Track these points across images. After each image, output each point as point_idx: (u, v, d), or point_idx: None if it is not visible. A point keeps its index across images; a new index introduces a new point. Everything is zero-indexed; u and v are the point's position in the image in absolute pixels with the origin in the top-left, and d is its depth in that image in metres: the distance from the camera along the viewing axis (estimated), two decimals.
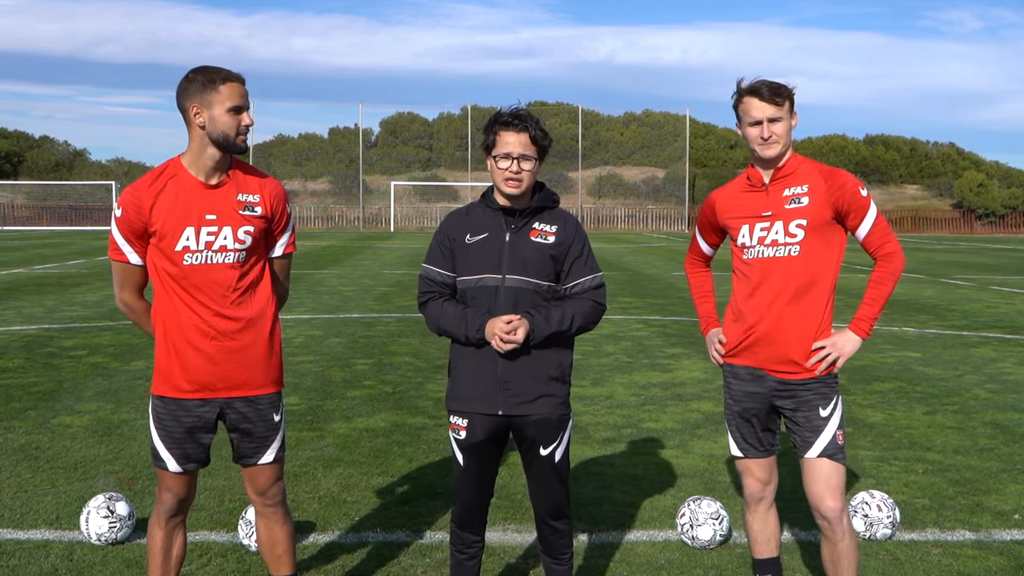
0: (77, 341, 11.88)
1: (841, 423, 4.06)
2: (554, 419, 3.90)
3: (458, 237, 3.96)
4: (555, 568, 4.10)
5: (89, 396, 8.70)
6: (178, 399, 3.78)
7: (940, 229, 65.19)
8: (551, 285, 3.93)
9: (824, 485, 4.00)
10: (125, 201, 3.70)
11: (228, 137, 3.65)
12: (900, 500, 5.88)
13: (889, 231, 4.05)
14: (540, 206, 3.97)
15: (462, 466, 3.97)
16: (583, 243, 3.99)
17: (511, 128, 3.85)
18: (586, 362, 10.79)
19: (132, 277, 3.81)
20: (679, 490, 6.10)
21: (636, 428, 7.78)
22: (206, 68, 3.67)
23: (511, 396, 3.85)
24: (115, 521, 5.04)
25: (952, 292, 19.50)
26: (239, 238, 3.73)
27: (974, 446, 7.27)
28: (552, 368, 3.89)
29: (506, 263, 3.88)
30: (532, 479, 4.02)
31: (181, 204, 3.67)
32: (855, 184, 4.00)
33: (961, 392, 9.29)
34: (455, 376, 3.97)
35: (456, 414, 3.94)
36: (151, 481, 6.19)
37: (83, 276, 21.59)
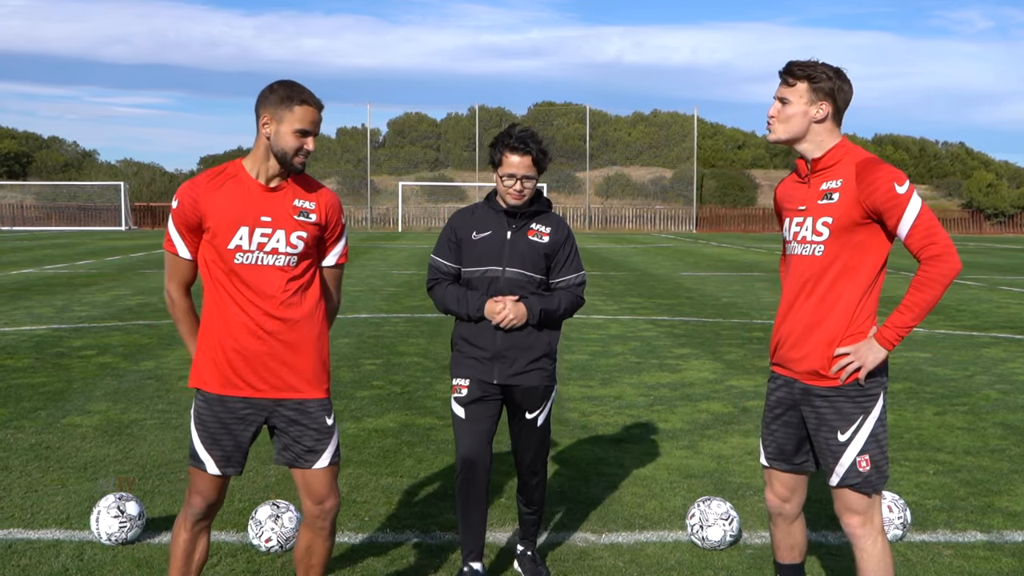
0: (86, 341, 11.90)
1: (867, 447, 3.68)
2: (541, 388, 4.58)
3: (464, 235, 4.58)
4: (527, 516, 4.85)
5: (99, 396, 8.71)
6: (221, 396, 3.77)
7: (949, 229, 64.96)
8: (543, 278, 4.58)
9: (841, 506, 3.79)
10: (182, 195, 3.76)
11: (287, 155, 3.72)
12: (911, 501, 5.86)
13: (934, 230, 3.56)
14: (538, 210, 4.61)
15: (464, 420, 4.56)
16: (572, 245, 4.64)
17: (517, 151, 4.43)
18: (594, 362, 10.78)
19: (180, 271, 3.83)
20: (689, 491, 6.09)
21: (645, 428, 7.76)
22: (291, 84, 3.74)
23: (506, 368, 4.51)
24: (125, 521, 5.05)
25: (962, 292, 19.44)
26: (291, 242, 3.77)
27: (985, 447, 7.25)
28: (543, 346, 4.56)
29: (507, 257, 4.52)
30: (516, 438, 4.70)
31: (238, 203, 3.72)
32: (889, 180, 3.56)
33: (971, 393, 9.26)
34: (458, 350, 4.62)
35: (459, 377, 4.58)
36: (161, 481, 6.20)
37: (92, 276, 21.65)
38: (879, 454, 3.73)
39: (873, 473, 3.72)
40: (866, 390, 3.70)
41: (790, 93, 3.72)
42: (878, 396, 3.72)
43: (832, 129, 3.75)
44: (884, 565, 3.76)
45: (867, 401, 3.70)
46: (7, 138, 70.47)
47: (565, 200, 66.57)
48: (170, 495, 5.91)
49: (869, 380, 3.70)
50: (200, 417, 3.81)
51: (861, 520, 3.75)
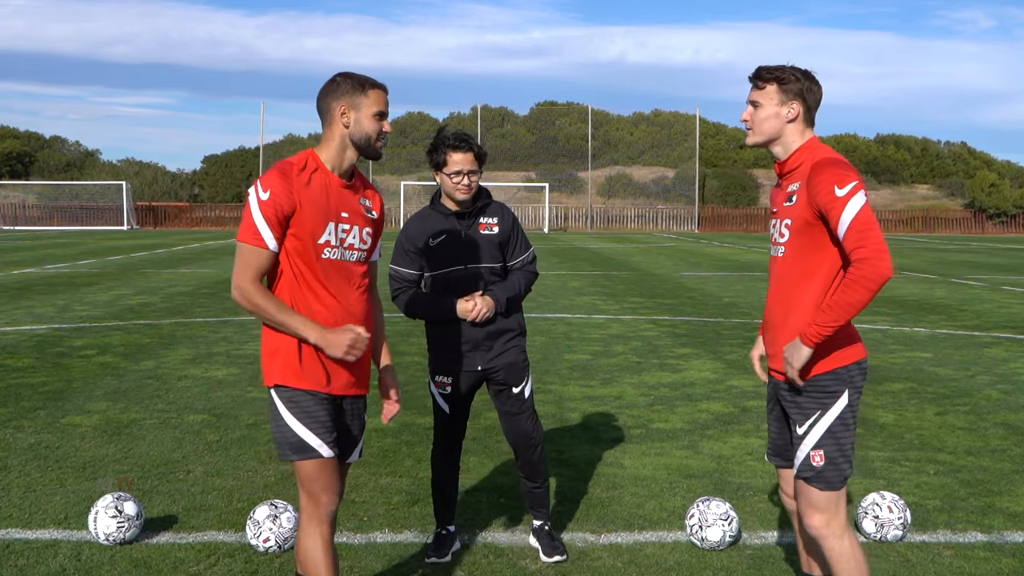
0: (87, 341, 11.90)
1: (823, 442, 3.71)
2: (519, 363, 4.95)
3: (421, 243, 4.89)
4: (535, 491, 5.11)
5: (99, 396, 8.71)
6: (314, 391, 3.69)
7: (951, 229, 64.94)
8: (501, 264, 4.94)
9: (804, 502, 3.82)
10: (273, 184, 3.61)
11: (370, 140, 3.72)
12: (911, 501, 5.85)
13: (868, 234, 3.52)
14: (483, 204, 4.92)
15: (447, 413, 4.98)
16: (518, 227, 5.01)
17: (458, 149, 4.75)
18: (595, 362, 10.77)
19: (263, 264, 3.62)
20: (688, 491, 6.07)
21: (645, 428, 7.75)
22: (354, 73, 3.76)
23: (485, 353, 4.88)
24: (123, 521, 5.03)
25: (964, 292, 19.41)
26: (363, 238, 3.80)
27: (986, 447, 7.23)
28: (512, 325, 4.93)
29: (467, 255, 4.85)
30: (506, 416, 5.01)
31: (325, 198, 3.68)
32: (831, 182, 3.58)
33: (973, 393, 9.24)
34: (437, 348, 4.93)
35: (442, 374, 4.92)
36: (159, 480, 6.19)
37: (94, 276, 21.66)
38: (836, 452, 3.73)
39: (828, 469, 3.73)
40: (825, 387, 3.72)
41: (761, 96, 3.81)
42: (839, 394, 3.72)
43: (803, 130, 3.83)
44: (854, 563, 3.77)
45: (826, 398, 3.73)
46: (9, 138, 70.54)
47: (567, 200, 66.57)
48: (169, 495, 5.90)
49: (829, 378, 3.71)
50: (297, 403, 3.66)
51: (823, 519, 3.77)
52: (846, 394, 3.73)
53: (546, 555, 4.99)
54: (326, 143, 3.74)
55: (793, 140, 3.82)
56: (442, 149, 4.76)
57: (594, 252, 34.00)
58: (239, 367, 10.21)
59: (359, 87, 3.69)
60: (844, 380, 3.73)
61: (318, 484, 3.68)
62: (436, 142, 4.80)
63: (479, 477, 6.38)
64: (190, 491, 5.98)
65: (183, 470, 6.44)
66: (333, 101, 3.70)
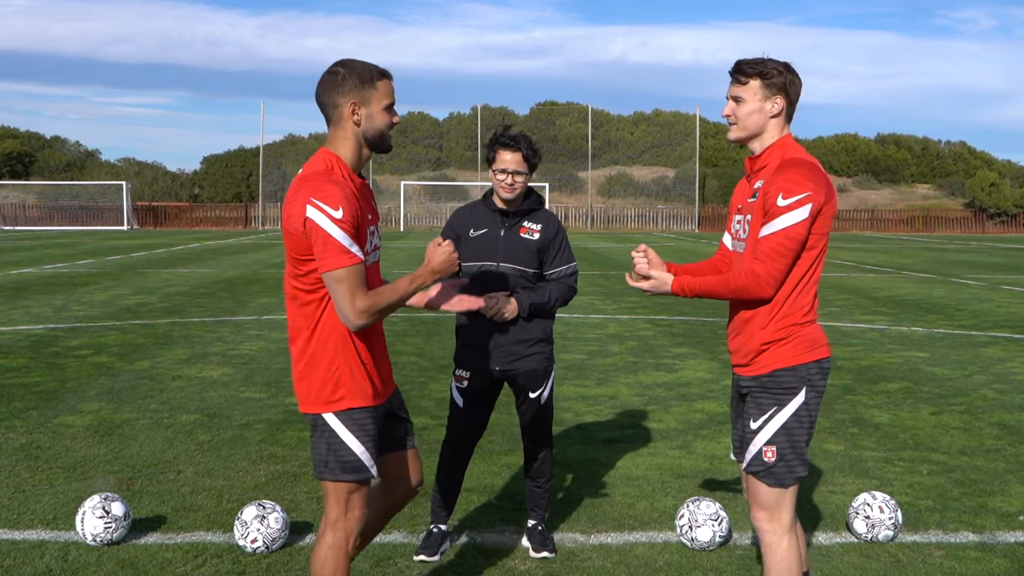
0: (82, 341, 11.88)
1: (776, 439, 3.68)
2: (540, 370, 4.96)
3: (462, 232, 4.94)
4: (535, 490, 5.19)
5: (92, 396, 8.69)
6: (376, 406, 3.62)
7: (952, 229, 64.89)
8: (536, 271, 4.93)
9: (751, 496, 3.80)
10: (338, 198, 3.34)
11: (384, 135, 3.56)
12: (904, 501, 5.82)
13: (774, 259, 3.57)
14: (529, 208, 4.96)
15: (461, 408, 5.02)
16: (562, 239, 5.00)
17: (508, 148, 4.81)
18: (591, 362, 10.74)
19: (364, 277, 3.40)
20: (680, 491, 6.04)
21: (639, 428, 7.72)
22: (354, 62, 3.51)
23: (506, 355, 4.88)
24: (111, 521, 5.01)
25: (963, 292, 19.38)
26: (379, 237, 3.72)
27: (980, 447, 7.20)
28: (538, 332, 4.93)
29: (501, 253, 4.86)
30: (523, 416, 5.08)
31: (360, 202, 3.50)
32: (779, 189, 3.57)
33: (968, 392, 9.21)
34: (462, 343, 4.99)
35: (462, 368, 4.98)
36: (149, 481, 6.16)
37: (92, 276, 21.63)
38: (789, 450, 3.69)
39: (779, 466, 3.70)
40: (784, 383, 3.69)
41: (744, 91, 3.75)
42: (797, 391, 3.69)
43: (781, 125, 3.79)
44: (787, 566, 3.74)
45: (784, 394, 3.69)
46: (9, 138, 70.56)
47: (567, 200, 66.54)
48: (158, 496, 5.88)
49: (788, 374, 3.68)
50: (361, 425, 3.57)
51: (767, 515, 3.74)
52: (803, 392, 3.70)
53: (535, 551, 5.04)
54: (341, 144, 3.51)
55: (771, 136, 3.77)
56: (494, 146, 4.84)
57: (593, 252, 33.98)
58: (233, 367, 10.19)
59: (367, 80, 3.46)
60: (803, 378, 3.70)
61: (356, 501, 3.64)
62: (492, 137, 4.90)
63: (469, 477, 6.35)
64: (180, 491, 5.96)
65: (173, 470, 6.42)
66: (340, 98, 3.46)
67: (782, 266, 3.60)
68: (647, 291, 3.85)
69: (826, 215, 3.65)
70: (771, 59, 3.76)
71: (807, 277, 3.69)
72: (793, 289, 3.67)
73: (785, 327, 3.69)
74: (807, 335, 3.71)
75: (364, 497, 3.67)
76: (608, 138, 74.67)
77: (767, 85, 3.70)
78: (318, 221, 3.33)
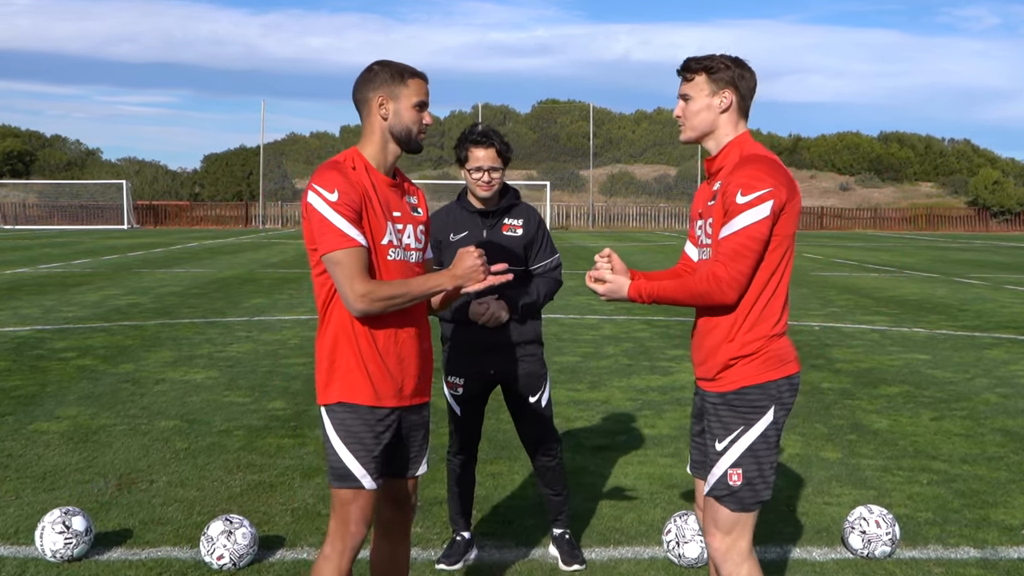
0: (68, 343, 11.67)
1: (742, 461, 3.43)
2: (536, 372, 4.81)
3: (442, 237, 4.72)
4: (554, 499, 4.98)
5: (71, 400, 8.47)
6: (373, 407, 3.43)
7: (955, 227, 64.60)
8: (524, 269, 4.74)
9: (709, 520, 3.55)
10: (336, 181, 3.32)
11: (411, 132, 3.48)
12: (902, 514, 5.60)
13: (736, 259, 3.33)
14: (508, 205, 4.78)
15: (460, 416, 4.85)
16: (544, 231, 4.86)
17: (480, 145, 4.64)
18: (584, 364, 10.52)
19: (364, 262, 3.31)
20: (669, 503, 5.82)
21: (630, 435, 7.50)
22: (391, 62, 3.50)
23: (499, 358, 4.73)
24: (71, 537, 4.79)
25: (966, 291, 19.13)
26: (418, 236, 3.59)
27: (982, 454, 6.97)
28: (528, 332, 4.77)
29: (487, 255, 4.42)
30: (523, 424, 4.89)
31: (378, 197, 3.43)
32: (738, 185, 3.34)
33: (971, 397, 8.98)
34: (450, 347, 4.80)
35: (453, 375, 4.79)
36: (120, 492, 5.93)
37: (86, 276, 21.42)
38: (755, 472, 3.45)
39: (744, 490, 3.45)
40: (752, 402, 3.45)
41: (691, 88, 3.54)
42: (765, 410, 3.44)
43: (736, 121, 3.55)
44: None
45: (751, 412, 3.44)
46: (10, 136, 70.39)
47: (569, 198, 66.32)
48: (127, 508, 5.66)
49: (756, 392, 3.43)
50: (347, 428, 3.41)
51: (727, 541, 3.49)
52: (772, 411, 3.45)
53: (565, 563, 4.88)
54: (367, 139, 3.49)
55: (726, 133, 3.54)
56: (465, 144, 4.68)
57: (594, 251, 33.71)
58: (219, 370, 9.98)
59: (398, 76, 3.45)
60: (772, 396, 3.45)
61: (352, 514, 3.45)
62: (460, 137, 4.72)
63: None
64: (150, 503, 5.74)
65: (146, 480, 6.20)
66: (370, 92, 3.45)
67: (745, 268, 3.35)
68: (602, 295, 3.60)
69: (789, 214, 3.39)
70: (720, 54, 3.55)
71: (773, 282, 3.43)
72: (759, 296, 3.42)
73: (753, 340, 3.43)
74: (776, 349, 3.47)
75: (363, 510, 3.46)
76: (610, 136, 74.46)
77: (714, 80, 3.49)
78: (316, 205, 3.33)
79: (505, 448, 6.92)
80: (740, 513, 3.47)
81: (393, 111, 3.45)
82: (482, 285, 3.50)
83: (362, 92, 3.48)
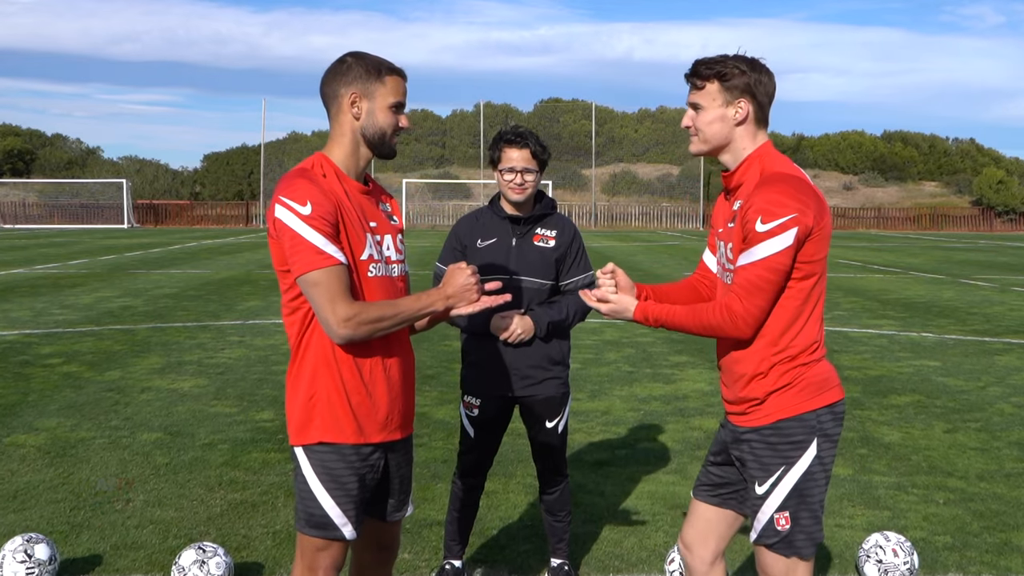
0: (55, 348, 11.36)
1: (788, 503, 3.11)
2: (558, 397, 4.49)
3: (469, 242, 4.48)
4: (555, 524, 4.71)
5: (52, 411, 8.17)
6: (357, 445, 3.08)
7: (959, 227, 64.22)
8: (553, 283, 4.46)
9: (760, 569, 3.24)
10: (309, 193, 2.94)
11: (385, 136, 3.12)
12: (919, 537, 5.29)
13: (753, 294, 3.02)
14: (542, 214, 4.49)
15: (472, 438, 4.54)
16: (579, 246, 4.55)
17: (514, 145, 4.37)
18: (585, 371, 10.21)
19: (344, 281, 2.95)
20: (673, 525, 5.50)
21: (632, 449, 7.19)
22: (366, 55, 3.12)
23: (520, 379, 4.40)
24: (33, 566, 4.49)
25: (973, 294, 18.80)
26: (398, 247, 3.24)
27: (1000, 471, 6.66)
28: (554, 354, 4.44)
29: (513, 265, 4.39)
30: (537, 447, 4.60)
31: (353, 206, 3.07)
32: (758, 211, 2.99)
33: (984, 407, 8.66)
34: (469, 363, 4.51)
35: (471, 395, 4.49)
36: (93, 513, 5.62)
37: (82, 277, 21.12)
38: (805, 513, 3.13)
39: (796, 533, 3.13)
40: (790, 436, 3.11)
41: (701, 97, 3.17)
42: (807, 444, 3.11)
43: (754, 133, 3.19)
44: None
45: (791, 449, 3.11)
46: (11, 135, 70.12)
47: (571, 197, 65.96)
48: (99, 530, 5.35)
49: (795, 425, 3.10)
50: (330, 472, 3.06)
51: None
52: (814, 444, 3.12)
53: None
54: (336, 141, 3.12)
55: (744, 147, 3.18)
56: (499, 144, 4.43)
57: (596, 251, 33.43)
58: (208, 377, 9.68)
59: (374, 72, 3.07)
60: (812, 428, 3.11)
61: (322, 561, 3.12)
62: (495, 137, 4.49)
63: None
64: (124, 524, 5.44)
65: (122, 499, 5.90)
66: (342, 87, 3.07)
67: (762, 303, 3.04)
68: (605, 315, 3.28)
69: (818, 238, 3.04)
70: (734, 56, 3.16)
71: (807, 311, 3.11)
72: (791, 324, 3.09)
73: (788, 371, 3.10)
74: (814, 376, 3.13)
75: (334, 559, 3.14)
76: (612, 135, 74.11)
77: (728, 88, 3.13)
78: (286, 220, 2.95)
79: (501, 463, 6.59)
80: (794, 559, 3.15)
81: (367, 111, 3.09)
82: (475, 308, 3.12)
83: (332, 86, 3.11)
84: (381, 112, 3.09)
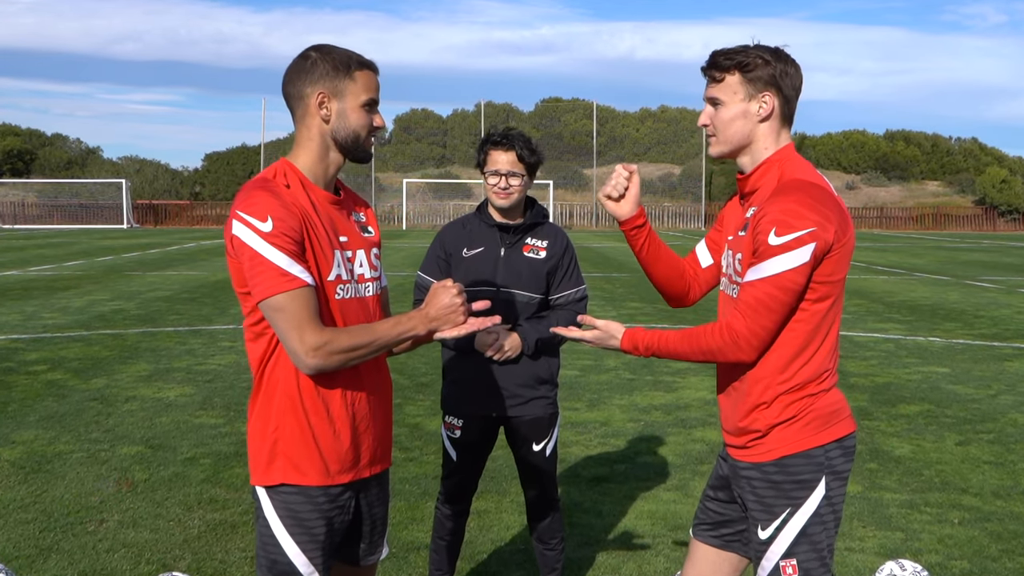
0: (42, 354, 11.08)
1: (795, 548, 2.81)
2: (545, 418, 4.21)
3: (455, 250, 4.21)
4: (546, 553, 4.40)
5: (31, 422, 7.89)
6: (325, 487, 2.79)
7: (962, 226, 63.87)
8: (543, 297, 4.18)
9: None
10: (269, 207, 2.63)
11: (359, 138, 2.81)
12: (934, 562, 5.00)
13: (759, 313, 2.72)
14: (532, 223, 4.20)
15: (455, 461, 4.26)
16: (571, 257, 4.26)
17: (499, 147, 4.11)
18: (584, 379, 9.92)
19: (312, 305, 2.64)
20: (674, 550, 5.22)
21: (631, 463, 6.90)
22: (333, 47, 2.80)
23: (506, 399, 4.13)
24: None
25: (979, 296, 18.50)
26: (372, 263, 2.91)
27: (1016, 487, 6.37)
28: (542, 372, 4.17)
29: (501, 276, 4.13)
30: (525, 471, 4.31)
31: (321, 220, 2.76)
32: (772, 222, 2.68)
33: (996, 417, 8.37)
34: (451, 381, 4.23)
35: (452, 415, 4.21)
36: (63, 535, 5.34)
37: (76, 279, 20.84)
38: (813, 558, 2.83)
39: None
40: (796, 474, 2.80)
41: (720, 91, 2.84)
42: (814, 484, 2.81)
43: (777, 131, 2.87)
44: None
45: (797, 489, 2.81)
46: (11, 135, 69.88)
47: (572, 197, 65.68)
48: (68, 554, 5.07)
49: (801, 462, 2.80)
50: (297, 519, 2.78)
51: None
52: (822, 483, 2.81)
53: None
54: (302, 146, 2.80)
55: (765, 147, 2.85)
56: (484, 146, 4.18)
57: (597, 252, 33.16)
58: (195, 386, 9.40)
59: (342, 68, 2.75)
60: (820, 465, 2.81)
61: None
62: (483, 138, 4.24)
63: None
64: (95, 548, 5.16)
65: (96, 519, 5.62)
66: (307, 86, 2.75)
67: (769, 324, 2.72)
68: (589, 342, 2.97)
69: (839, 255, 2.72)
70: (756, 45, 2.83)
71: (820, 336, 2.79)
72: (801, 351, 2.78)
73: (795, 402, 2.79)
74: (823, 407, 2.82)
75: None
76: (613, 135, 73.83)
77: (750, 80, 2.80)
78: (244, 238, 2.63)
79: (492, 480, 6.31)
80: None
81: (336, 112, 2.76)
82: (461, 331, 2.77)
83: (296, 86, 2.78)
84: (353, 112, 2.77)
